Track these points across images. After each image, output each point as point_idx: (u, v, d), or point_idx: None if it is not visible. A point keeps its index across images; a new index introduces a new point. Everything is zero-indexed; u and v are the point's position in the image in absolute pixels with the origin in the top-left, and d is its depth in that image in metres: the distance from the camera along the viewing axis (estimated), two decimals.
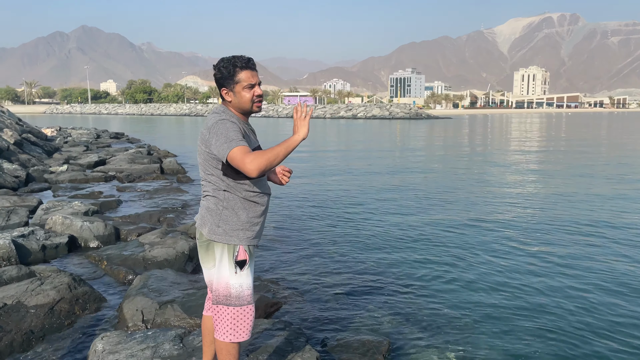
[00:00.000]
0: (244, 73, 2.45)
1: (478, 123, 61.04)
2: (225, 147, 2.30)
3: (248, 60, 2.49)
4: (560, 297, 4.77)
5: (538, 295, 4.81)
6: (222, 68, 2.46)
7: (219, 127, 2.36)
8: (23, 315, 3.76)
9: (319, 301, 4.55)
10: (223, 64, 2.47)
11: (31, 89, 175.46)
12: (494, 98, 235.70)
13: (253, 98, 2.48)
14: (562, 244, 6.58)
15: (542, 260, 5.91)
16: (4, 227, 6.33)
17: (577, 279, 5.28)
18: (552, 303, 4.62)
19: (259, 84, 2.51)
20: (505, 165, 16.11)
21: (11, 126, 15.99)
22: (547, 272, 5.49)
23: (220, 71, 2.47)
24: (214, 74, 2.53)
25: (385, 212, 8.57)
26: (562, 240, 6.80)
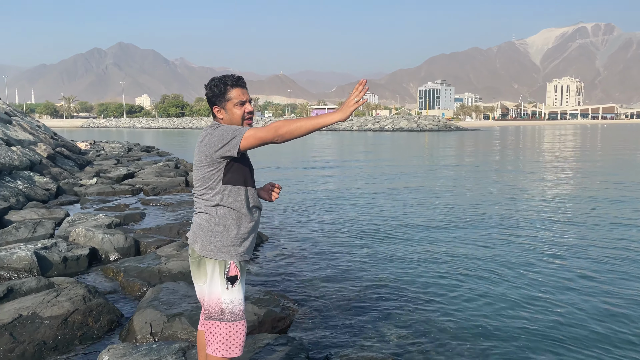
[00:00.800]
0: (235, 91, 2.52)
1: (509, 135, 59.99)
2: (233, 142, 2.35)
3: (238, 78, 2.57)
4: (587, 317, 4.63)
5: (558, 316, 4.67)
6: (213, 87, 2.53)
7: (219, 129, 2.42)
8: (37, 326, 3.88)
9: (326, 316, 4.54)
10: (214, 82, 2.54)
11: (69, 104, 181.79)
12: (526, 109, 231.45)
13: (244, 115, 2.54)
14: (593, 260, 6.39)
15: (570, 278, 5.74)
16: (29, 239, 6.55)
17: (611, 300, 5.11)
18: (579, 324, 4.48)
19: (250, 102, 2.58)
20: (537, 179, 15.77)
21: (45, 140, 16.59)
22: (576, 290, 5.32)
23: (212, 90, 2.54)
24: (205, 93, 2.60)
25: (404, 226, 8.49)
26: (593, 256, 6.60)
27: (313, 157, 25.36)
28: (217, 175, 2.46)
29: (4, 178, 9.82)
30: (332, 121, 2.30)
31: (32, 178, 10.82)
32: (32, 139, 14.90)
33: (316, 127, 2.30)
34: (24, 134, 15.00)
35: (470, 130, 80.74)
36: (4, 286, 4.57)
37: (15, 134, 14.41)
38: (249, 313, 4.11)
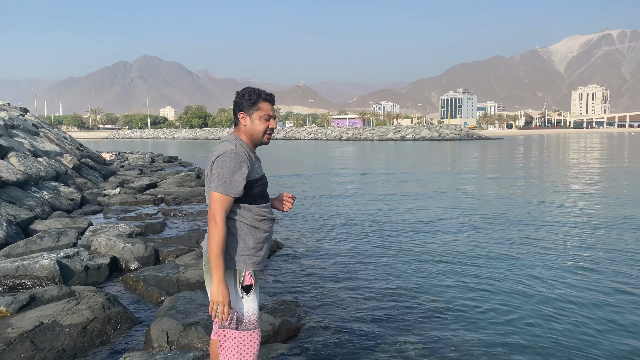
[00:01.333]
0: (266, 104, 2.62)
1: (534, 143, 59.08)
2: (215, 184, 2.47)
3: (271, 94, 2.68)
4: (624, 333, 4.50)
5: (591, 332, 4.55)
6: (246, 94, 2.62)
7: (222, 160, 2.49)
8: (57, 334, 3.96)
9: (343, 326, 4.51)
10: (248, 91, 2.64)
11: (96, 116, 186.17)
12: (550, 118, 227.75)
13: (266, 129, 2.62)
14: (627, 275, 6.22)
15: (604, 292, 5.60)
16: (53, 248, 6.70)
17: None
18: (615, 341, 4.36)
19: (274, 119, 2.66)
20: (563, 188, 15.46)
21: (71, 151, 16.99)
22: (611, 305, 5.17)
23: (244, 97, 2.62)
24: (234, 99, 2.66)
25: (425, 235, 8.42)
26: (625, 270, 6.43)
27: (333, 166, 25.39)
28: None
29: (31, 188, 10.08)
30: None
31: (57, 188, 11.08)
32: (59, 150, 15.28)
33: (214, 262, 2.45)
34: (50, 145, 15.39)
35: (493, 139, 79.79)
36: (27, 294, 4.69)
37: (42, 145, 14.80)
38: (264, 322, 4.12)
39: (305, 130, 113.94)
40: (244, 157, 2.50)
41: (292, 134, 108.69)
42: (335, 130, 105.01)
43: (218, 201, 2.44)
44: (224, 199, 2.44)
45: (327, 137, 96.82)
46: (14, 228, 7.40)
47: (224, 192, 2.44)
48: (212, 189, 2.46)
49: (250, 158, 2.54)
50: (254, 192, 2.55)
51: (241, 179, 2.47)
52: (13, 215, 7.92)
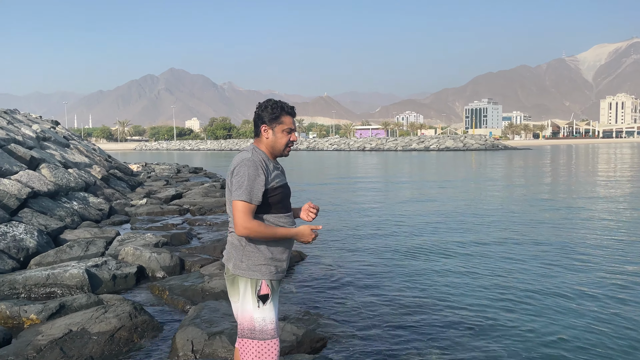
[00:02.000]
0: (288, 118, 2.67)
1: (562, 154, 57.94)
2: (236, 194, 2.50)
3: (293, 108, 2.73)
4: None
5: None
6: (269, 107, 2.66)
7: (241, 169, 2.53)
8: (86, 341, 4.04)
9: (368, 337, 4.48)
10: (271, 104, 2.67)
11: (123, 128, 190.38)
12: (578, 127, 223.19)
13: (288, 142, 2.67)
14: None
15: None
16: (82, 257, 6.85)
17: None
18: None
19: (295, 131, 2.71)
20: (594, 200, 15.11)
21: (100, 163, 17.39)
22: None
23: (267, 109, 2.65)
24: (256, 110, 2.70)
25: (450, 246, 8.31)
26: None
27: (356, 176, 25.34)
28: None
29: (61, 199, 10.34)
30: (293, 235, 2.62)
31: (86, 199, 11.34)
32: (88, 162, 15.66)
33: (281, 237, 2.60)
34: (80, 157, 15.79)
35: (520, 149, 78.56)
36: (57, 302, 4.80)
37: (72, 157, 15.19)
38: (288, 333, 4.12)
39: (328, 140, 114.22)
40: (260, 165, 2.54)
41: (315, 144, 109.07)
42: (358, 141, 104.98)
43: (242, 209, 2.48)
44: (247, 206, 2.48)
45: (350, 147, 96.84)
46: (45, 237, 7.59)
47: (246, 200, 2.48)
48: (235, 198, 2.50)
49: (267, 166, 2.59)
50: (271, 200, 2.58)
51: (260, 186, 2.51)
52: (44, 225, 8.14)
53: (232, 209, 2.52)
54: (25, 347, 3.87)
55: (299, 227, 2.61)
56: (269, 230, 2.52)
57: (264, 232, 2.50)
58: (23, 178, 9.44)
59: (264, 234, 2.51)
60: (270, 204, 2.58)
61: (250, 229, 2.48)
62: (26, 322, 4.59)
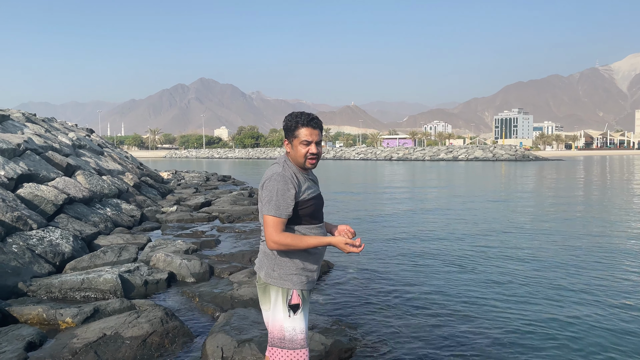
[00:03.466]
0: (304, 130, 2.63)
1: (595, 165, 56.43)
2: (266, 208, 2.54)
3: (311, 119, 2.66)
4: None
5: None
6: (287, 121, 2.68)
7: (271, 183, 2.56)
8: (119, 345, 4.12)
9: (397, 348, 4.44)
10: (289, 117, 2.68)
11: (154, 136, 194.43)
12: (612, 138, 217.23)
13: (307, 154, 2.64)
14: None
15: None
16: (114, 262, 7.01)
17: None
18: None
19: (318, 143, 2.66)
20: (629, 215, 14.67)
21: (132, 170, 17.79)
22: None
23: (286, 124, 2.68)
24: (283, 125, 2.74)
25: (480, 257, 8.18)
26: None
27: (384, 185, 25.22)
28: None
29: (95, 205, 10.62)
30: (328, 243, 2.59)
31: (119, 205, 11.61)
32: (121, 169, 16.04)
33: (315, 245, 2.57)
34: (113, 164, 16.19)
35: (551, 160, 76.86)
36: (91, 306, 4.92)
37: (106, 164, 15.59)
38: (316, 342, 4.12)
39: (355, 150, 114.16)
40: (291, 180, 2.56)
41: (341, 154, 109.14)
42: (385, 150, 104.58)
43: (271, 224, 2.51)
44: (277, 221, 2.51)
45: (377, 157, 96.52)
46: (80, 243, 7.80)
47: (275, 215, 2.51)
48: (265, 213, 2.54)
49: (297, 180, 2.60)
50: (302, 212, 2.60)
51: (290, 200, 2.53)
52: (79, 231, 8.36)
53: (263, 223, 2.55)
54: (61, 349, 3.98)
55: (334, 238, 2.58)
56: (299, 241, 2.53)
57: (294, 244, 2.51)
58: (59, 184, 9.73)
59: (294, 245, 2.51)
60: (301, 215, 2.60)
61: (279, 242, 2.50)
62: (62, 325, 4.72)
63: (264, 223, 2.53)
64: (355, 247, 2.56)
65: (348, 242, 2.55)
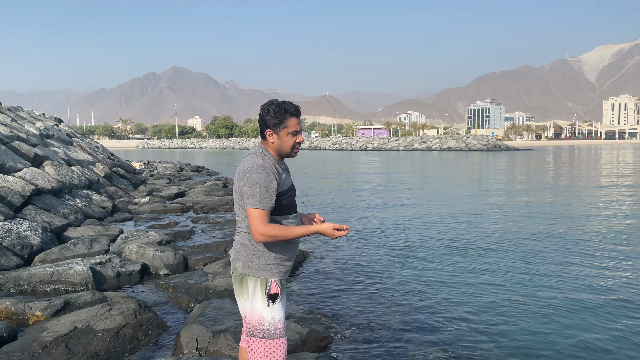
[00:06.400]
0: (292, 120, 2.58)
1: (564, 154, 57.85)
2: (250, 201, 2.48)
3: (296, 107, 2.62)
4: None
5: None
6: (272, 111, 2.58)
7: (252, 176, 2.50)
8: (91, 338, 4.05)
9: (371, 336, 4.48)
10: (274, 107, 2.58)
11: (126, 126, 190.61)
12: (580, 128, 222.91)
13: (294, 144, 2.61)
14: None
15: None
16: (86, 254, 6.86)
17: None
18: None
19: (301, 132, 2.64)
20: (597, 201, 15.10)
21: (103, 160, 17.42)
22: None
23: (270, 114, 2.58)
24: (260, 113, 2.65)
25: (454, 247, 8.31)
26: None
27: (359, 175, 25.34)
28: None
29: (64, 196, 10.36)
30: (315, 232, 2.57)
31: (89, 196, 11.37)
32: (91, 159, 15.68)
33: (302, 235, 2.55)
34: (83, 155, 15.81)
35: (522, 150, 78.43)
36: (62, 299, 4.81)
37: (76, 154, 15.22)
38: (292, 332, 4.13)
39: (330, 140, 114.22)
40: (272, 171, 2.52)
41: (317, 144, 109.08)
42: (360, 141, 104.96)
43: (257, 217, 2.46)
44: (262, 213, 2.47)
45: (352, 147, 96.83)
46: (49, 235, 7.61)
47: (260, 207, 2.46)
48: (249, 206, 2.47)
49: (277, 171, 2.57)
50: (281, 203, 2.57)
51: (273, 192, 2.50)
52: (48, 222, 8.16)
53: (247, 217, 2.50)
54: (30, 343, 3.89)
55: (322, 225, 2.57)
56: (287, 232, 2.49)
57: (282, 234, 2.48)
58: (27, 175, 9.46)
59: (282, 236, 2.48)
60: (279, 206, 2.57)
61: (267, 234, 2.45)
62: (31, 318, 4.61)
63: (249, 217, 2.48)
64: (342, 232, 2.56)
65: (336, 227, 2.54)
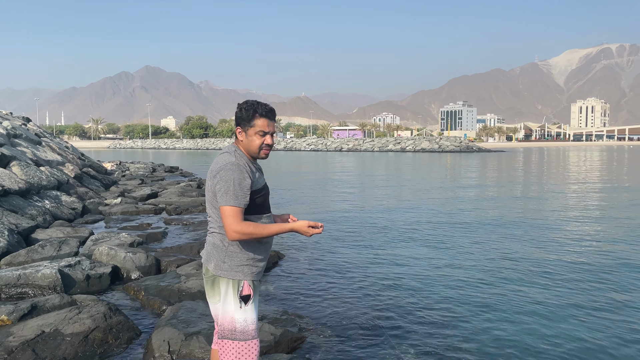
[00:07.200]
0: (261, 120, 2.59)
1: (533, 156, 59.17)
2: (223, 199, 2.46)
3: (269, 110, 2.62)
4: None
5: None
6: (243, 109, 2.60)
7: (225, 173, 2.49)
8: (59, 342, 3.96)
9: (345, 336, 4.51)
10: (246, 105, 2.61)
11: (97, 126, 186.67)
12: (549, 130, 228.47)
13: (262, 145, 2.60)
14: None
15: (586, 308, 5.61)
16: (54, 257, 6.70)
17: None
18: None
19: (273, 134, 2.64)
20: (564, 201, 15.49)
21: (73, 161, 17.04)
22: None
23: (242, 111, 2.60)
24: (235, 111, 2.67)
25: (427, 247, 8.41)
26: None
27: (333, 176, 25.41)
28: None
29: (32, 197, 10.10)
30: (290, 229, 2.57)
31: (59, 197, 11.11)
32: (60, 160, 15.32)
33: (277, 233, 2.54)
34: (52, 155, 15.44)
35: (493, 152, 79.90)
36: (28, 303, 4.69)
37: (45, 154, 14.85)
38: (266, 333, 4.12)
39: (305, 141, 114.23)
40: (245, 169, 2.52)
41: (292, 144, 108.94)
42: (335, 141, 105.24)
43: (231, 214, 2.44)
44: (236, 210, 2.45)
45: (327, 148, 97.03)
46: (16, 237, 7.41)
47: (234, 205, 2.44)
48: (222, 204, 2.45)
49: (251, 169, 2.57)
50: (254, 202, 2.56)
51: (246, 189, 2.49)
52: (15, 224, 7.94)
53: (221, 215, 2.47)
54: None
55: (296, 223, 2.56)
56: (262, 229, 2.47)
57: (257, 232, 2.45)
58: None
59: (257, 233, 2.46)
60: (252, 205, 2.56)
61: (241, 231, 2.43)
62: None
63: (223, 215, 2.45)
64: (317, 229, 2.56)
65: (311, 224, 2.54)
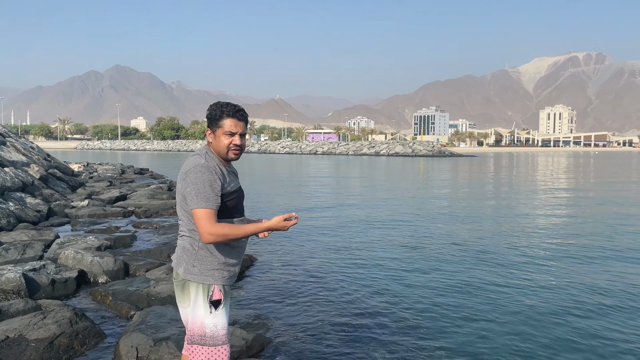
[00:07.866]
0: (229, 120, 2.55)
1: (503, 161, 60.45)
2: (194, 202, 2.43)
3: (237, 110, 2.59)
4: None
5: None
6: (212, 110, 2.58)
7: (195, 176, 2.45)
8: (23, 348, 3.85)
9: (316, 340, 4.51)
10: (214, 107, 2.59)
11: (64, 126, 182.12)
12: (519, 136, 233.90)
13: (230, 145, 2.56)
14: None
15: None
16: (18, 260, 6.51)
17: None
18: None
19: (242, 135, 2.59)
20: (537, 206, 15.87)
21: (38, 161, 16.57)
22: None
23: (210, 113, 2.58)
24: (206, 114, 2.65)
25: (399, 250, 8.49)
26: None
27: (307, 180, 25.43)
28: None
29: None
30: (265, 228, 2.54)
31: (23, 199, 10.79)
32: (25, 160, 14.89)
33: (252, 234, 2.51)
34: (17, 155, 14.99)
35: (465, 156, 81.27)
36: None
37: (9, 155, 14.40)
38: (237, 337, 4.09)
39: (280, 143, 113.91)
40: (215, 170, 2.49)
41: (266, 147, 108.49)
42: (310, 145, 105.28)
43: (204, 216, 2.40)
44: (209, 212, 2.41)
45: (302, 151, 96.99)
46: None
47: (206, 207, 2.41)
48: (194, 207, 2.41)
49: (221, 171, 2.54)
50: (225, 205, 2.53)
51: (217, 191, 2.46)
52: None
53: (194, 219, 2.43)
54: None
55: (271, 221, 2.53)
56: (237, 230, 2.43)
57: (231, 233, 2.41)
58: None
59: (232, 234, 2.41)
60: (224, 208, 2.53)
61: (216, 233, 2.39)
62: None
63: (195, 218, 2.41)
64: (293, 220, 2.55)
65: (285, 217, 2.52)
